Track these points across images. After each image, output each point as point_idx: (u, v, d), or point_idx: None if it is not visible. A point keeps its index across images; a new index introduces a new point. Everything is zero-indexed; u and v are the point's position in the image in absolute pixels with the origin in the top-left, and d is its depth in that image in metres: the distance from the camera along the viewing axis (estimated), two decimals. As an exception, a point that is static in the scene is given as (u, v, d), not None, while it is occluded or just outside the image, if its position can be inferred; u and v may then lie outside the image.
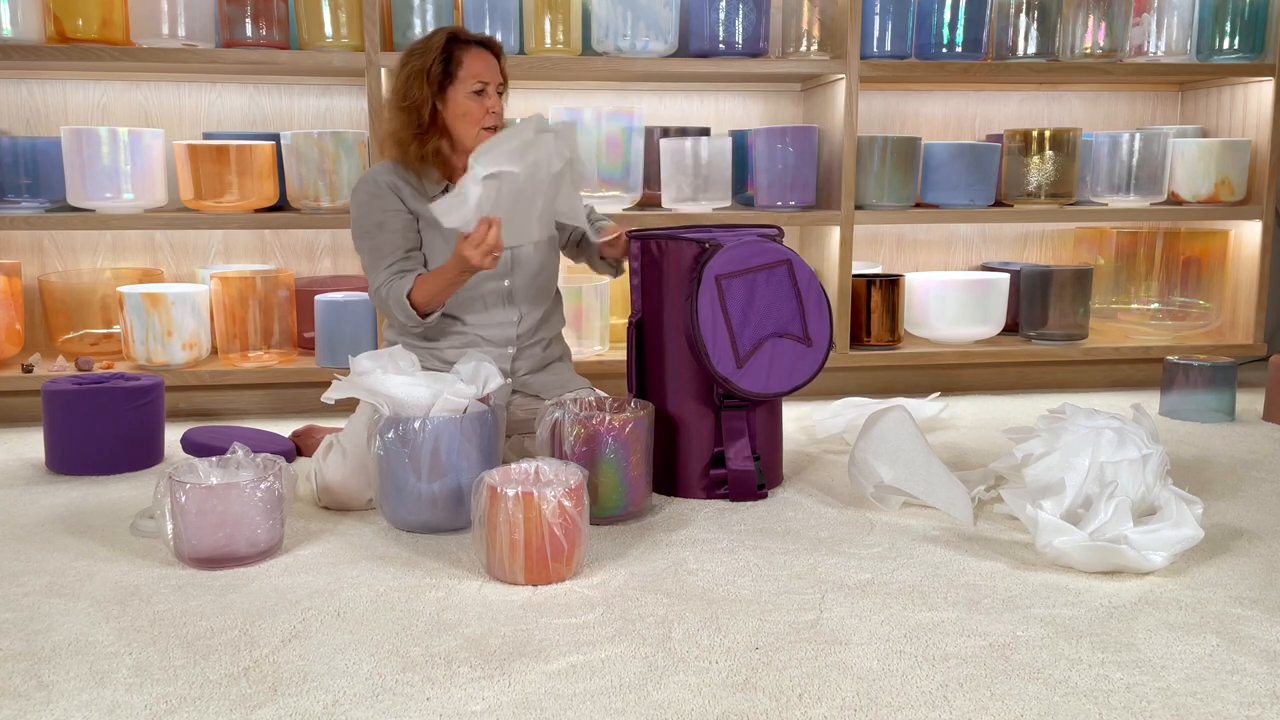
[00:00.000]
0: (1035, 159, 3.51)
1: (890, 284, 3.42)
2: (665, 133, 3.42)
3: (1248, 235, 3.63)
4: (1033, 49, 3.44)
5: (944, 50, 3.40)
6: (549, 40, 3.21)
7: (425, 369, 2.36)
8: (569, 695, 1.50)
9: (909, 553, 2.07)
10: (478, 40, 2.42)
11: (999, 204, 3.64)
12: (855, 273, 3.46)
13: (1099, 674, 1.57)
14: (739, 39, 3.27)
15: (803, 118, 3.72)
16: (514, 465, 2.03)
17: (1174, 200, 3.64)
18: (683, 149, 3.29)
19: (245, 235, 3.53)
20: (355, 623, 1.75)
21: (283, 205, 3.36)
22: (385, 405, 2.14)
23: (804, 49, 3.38)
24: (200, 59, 3.07)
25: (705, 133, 3.48)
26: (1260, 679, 1.56)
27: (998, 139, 3.68)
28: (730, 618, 1.76)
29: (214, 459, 2.10)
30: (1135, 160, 3.54)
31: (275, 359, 3.23)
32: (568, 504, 1.88)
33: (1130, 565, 1.91)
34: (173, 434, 2.88)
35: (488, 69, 2.41)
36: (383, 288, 2.39)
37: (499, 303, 2.49)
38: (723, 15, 3.25)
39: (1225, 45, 3.50)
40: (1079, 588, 1.88)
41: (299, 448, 2.79)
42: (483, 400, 2.22)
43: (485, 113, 2.40)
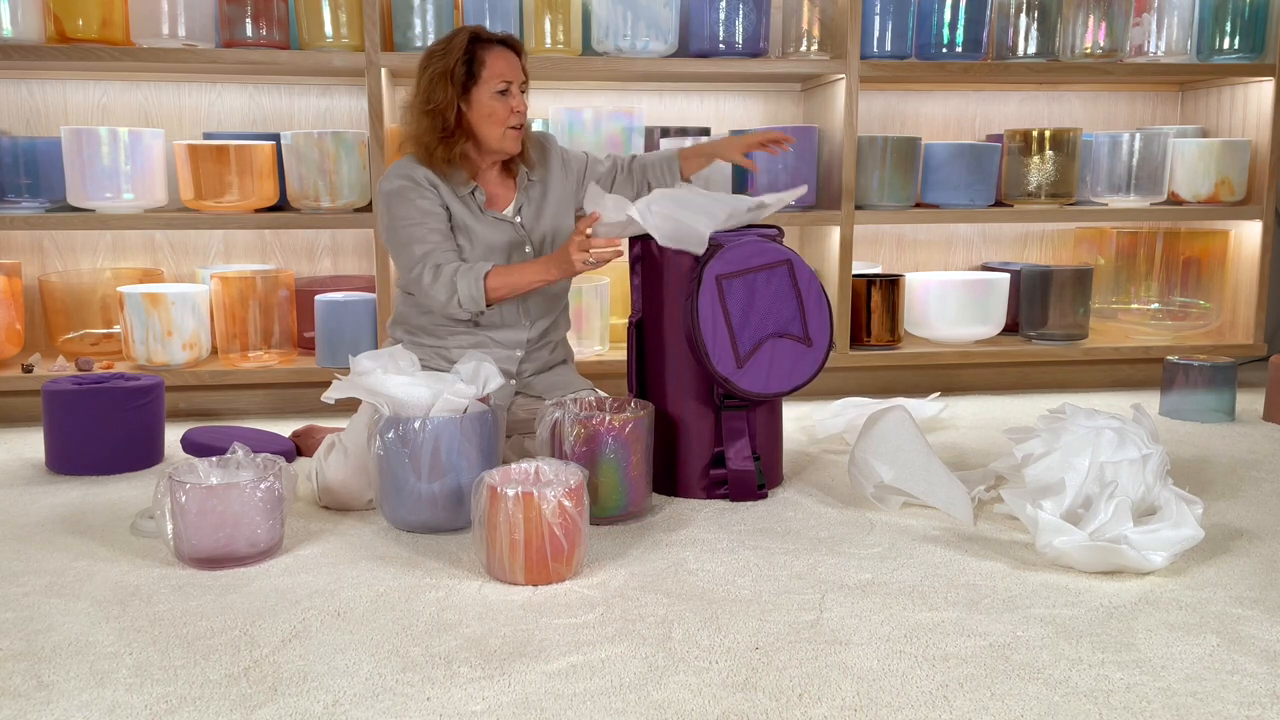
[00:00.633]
0: (1035, 159, 3.51)
1: (890, 284, 3.42)
2: (665, 133, 3.42)
3: (1248, 235, 3.63)
4: (1033, 49, 3.44)
5: (944, 50, 3.40)
6: (549, 40, 3.21)
7: (429, 369, 2.36)
8: (569, 695, 1.50)
9: (909, 553, 2.07)
10: (500, 39, 2.41)
11: (999, 204, 3.64)
12: (855, 273, 3.46)
13: (1099, 674, 1.57)
14: (739, 39, 3.27)
15: (803, 118, 3.72)
16: (514, 465, 2.03)
17: (1174, 200, 3.64)
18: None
19: (245, 235, 3.53)
20: (355, 623, 1.75)
21: (283, 205, 3.36)
22: (385, 405, 2.14)
23: (804, 49, 3.38)
24: (200, 59, 3.07)
25: (705, 133, 3.48)
26: (1260, 679, 1.56)
27: (998, 139, 3.68)
28: (730, 618, 1.76)
29: (214, 459, 2.10)
30: (1135, 160, 3.54)
31: (275, 359, 3.23)
32: (568, 504, 1.88)
33: (1130, 565, 1.91)
34: (173, 434, 2.88)
35: (511, 68, 2.39)
36: (446, 268, 2.32)
37: (513, 307, 2.48)
38: (723, 15, 3.25)
39: (1225, 45, 3.50)
40: (1079, 588, 1.88)
41: (299, 448, 2.79)
42: (483, 400, 2.22)
43: (510, 112, 2.39)
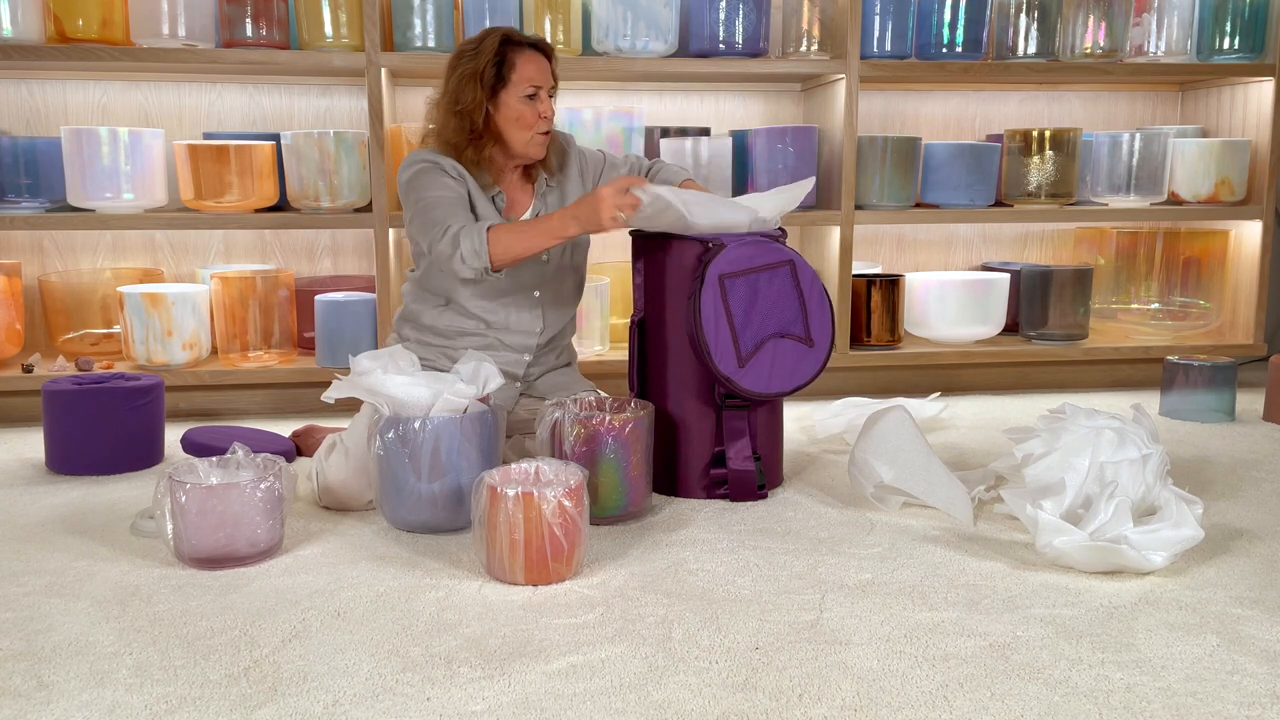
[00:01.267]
0: (1035, 159, 3.51)
1: (890, 284, 3.42)
2: (665, 133, 3.42)
3: (1248, 235, 3.63)
4: (1033, 49, 3.44)
5: (944, 50, 3.40)
6: (549, 40, 3.21)
7: (432, 369, 2.36)
8: (569, 695, 1.50)
9: (909, 553, 2.07)
10: (530, 42, 2.39)
11: (999, 204, 3.64)
12: (855, 273, 3.46)
13: (1099, 674, 1.57)
14: (739, 39, 3.27)
15: (803, 118, 3.72)
16: (514, 465, 2.03)
17: (1174, 200, 3.64)
18: (683, 149, 3.29)
19: (245, 235, 3.53)
20: (355, 623, 1.75)
21: (283, 205, 3.36)
22: (385, 405, 2.14)
23: (804, 49, 3.38)
24: (200, 59, 3.07)
25: (705, 133, 3.48)
26: (1260, 679, 1.56)
27: (998, 139, 3.68)
28: (730, 618, 1.76)
29: (214, 459, 2.10)
30: (1135, 160, 3.54)
31: (275, 359, 3.23)
32: (568, 504, 1.88)
33: (1130, 565, 1.91)
34: (173, 434, 2.88)
35: (540, 72, 2.37)
36: (455, 225, 2.27)
37: (527, 313, 2.48)
38: (723, 15, 3.25)
39: (1225, 45, 3.50)
40: (1079, 588, 1.88)
41: (299, 448, 2.79)
42: (483, 400, 2.22)
43: (538, 117, 2.37)
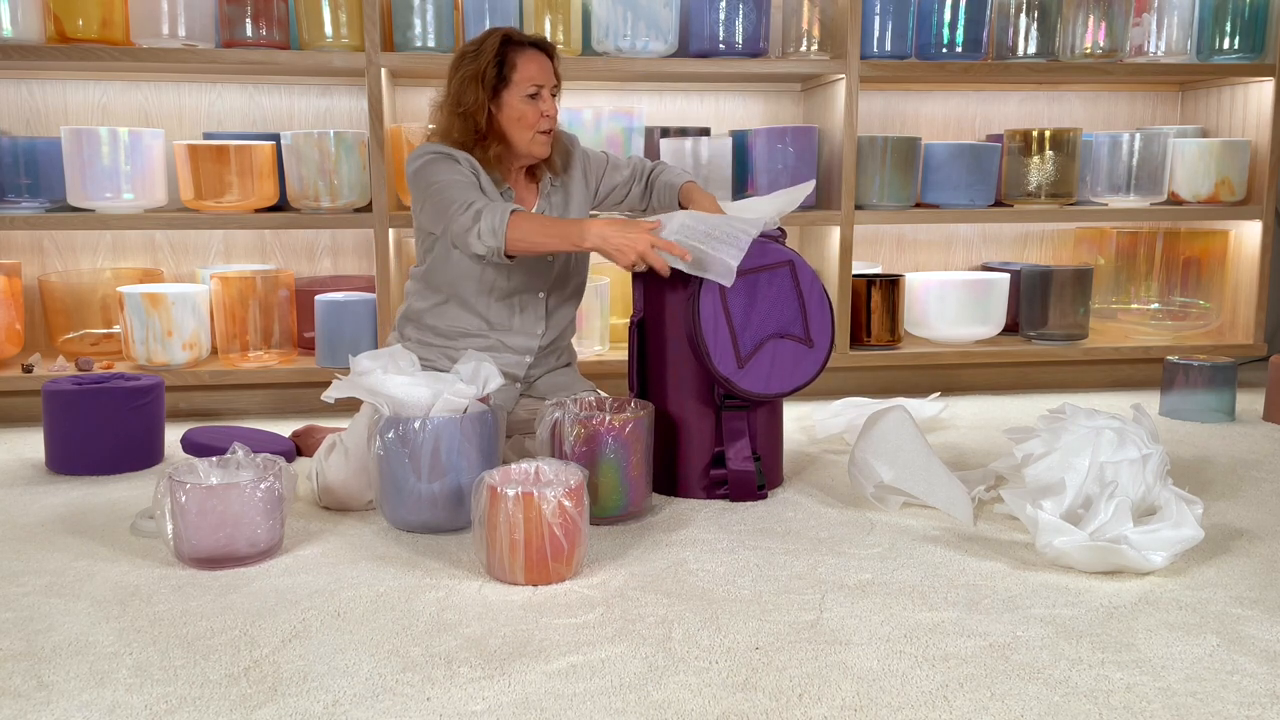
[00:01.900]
0: (1035, 159, 3.51)
1: (890, 284, 3.42)
2: (665, 133, 3.42)
3: (1248, 235, 3.63)
4: (1033, 49, 3.44)
5: (944, 50, 3.40)
6: (549, 40, 3.21)
7: (436, 369, 2.36)
8: (569, 695, 1.50)
9: (909, 553, 2.07)
10: (532, 42, 2.39)
11: (999, 204, 3.64)
12: (855, 273, 3.46)
13: (1099, 674, 1.57)
14: (739, 39, 3.27)
15: (803, 118, 3.72)
16: (514, 465, 2.03)
17: (1174, 200, 3.64)
18: (683, 149, 3.29)
19: (245, 235, 3.53)
20: (355, 623, 1.75)
21: (283, 205, 3.36)
22: (385, 405, 2.14)
23: (804, 49, 3.38)
24: (200, 59, 3.07)
25: (705, 133, 3.48)
26: (1260, 679, 1.56)
27: (998, 139, 3.68)
28: (730, 618, 1.76)
29: (214, 459, 2.10)
30: (1135, 160, 3.54)
31: (275, 359, 3.23)
32: (568, 504, 1.88)
33: (1130, 565, 1.91)
34: (173, 434, 2.88)
35: (542, 71, 2.37)
36: (479, 203, 2.24)
37: (531, 314, 2.48)
38: (723, 15, 3.25)
39: (1225, 45, 3.50)
40: (1079, 588, 1.88)
41: (299, 448, 2.79)
42: (483, 400, 2.22)
43: (540, 116, 2.37)
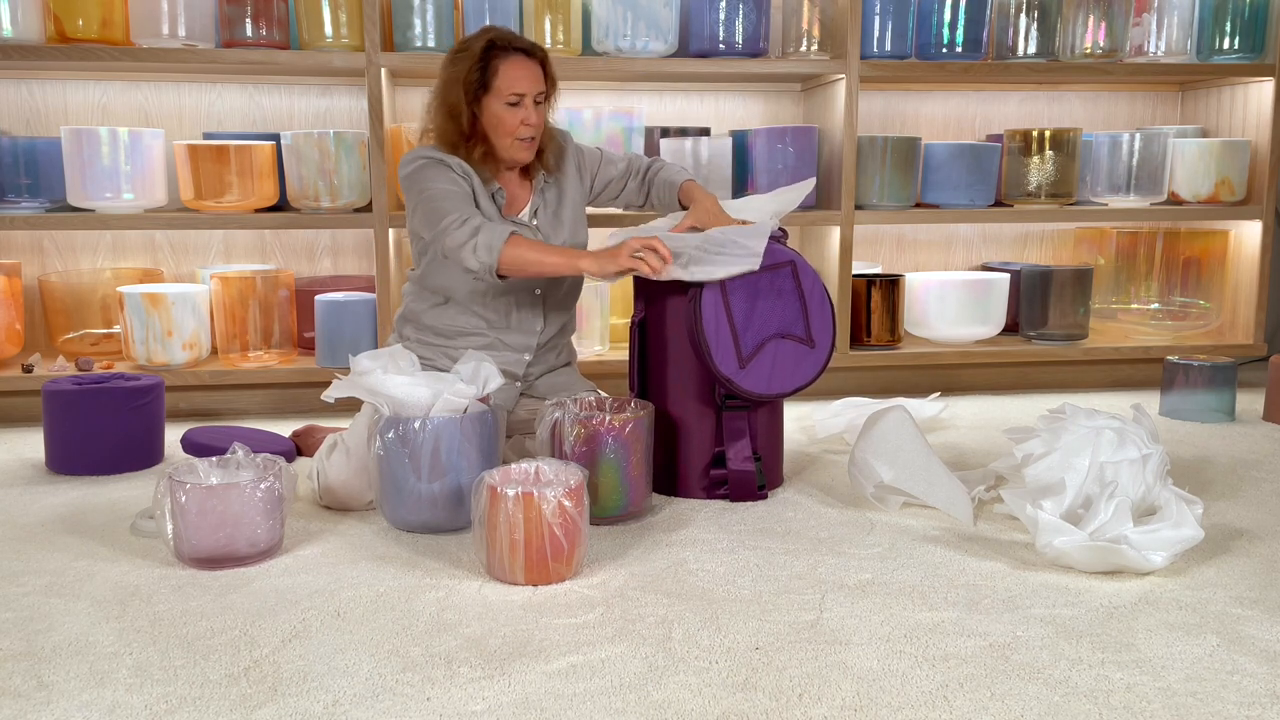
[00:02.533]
0: (1035, 159, 3.51)
1: (890, 284, 3.42)
2: (665, 133, 3.42)
3: (1248, 235, 3.63)
4: (1033, 49, 3.44)
5: (944, 50, 3.40)
6: (549, 40, 3.21)
7: (436, 369, 2.36)
8: (569, 695, 1.50)
9: (909, 553, 2.07)
10: (520, 47, 2.37)
11: (999, 204, 3.64)
12: (855, 273, 3.46)
13: (1099, 674, 1.57)
14: (739, 39, 3.27)
15: (803, 118, 3.72)
16: (514, 465, 2.03)
17: (1174, 200, 3.64)
18: (683, 149, 3.29)
19: (245, 235, 3.53)
20: (355, 623, 1.75)
21: (283, 205, 3.36)
22: (385, 405, 2.14)
23: (804, 49, 3.38)
24: (200, 59, 3.07)
25: (705, 133, 3.48)
26: (1260, 679, 1.56)
27: (998, 139, 3.68)
28: (730, 618, 1.76)
29: (214, 459, 2.10)
30: (1135, 160, 3.54)
31: (275, 359, 3.23)
32: (568, 504, 1.88)
33: (1130, 565, 1.91)
34: (173, 434, 2.88)
35: (526, 78, 2.35)
36: (475, 218, 2.27)
37: (528, 311, 2.48)
38: (723, 15, 3.25)
39: (1225, 45, 3.50)
40: (1079, 588, 1.88)
41: (299, 448, 2.79)
42: (483, 400, 2.22)
43: (519, 124, 2.36)
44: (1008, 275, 3.54)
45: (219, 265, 3.50)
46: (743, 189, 3.51)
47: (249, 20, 3.10)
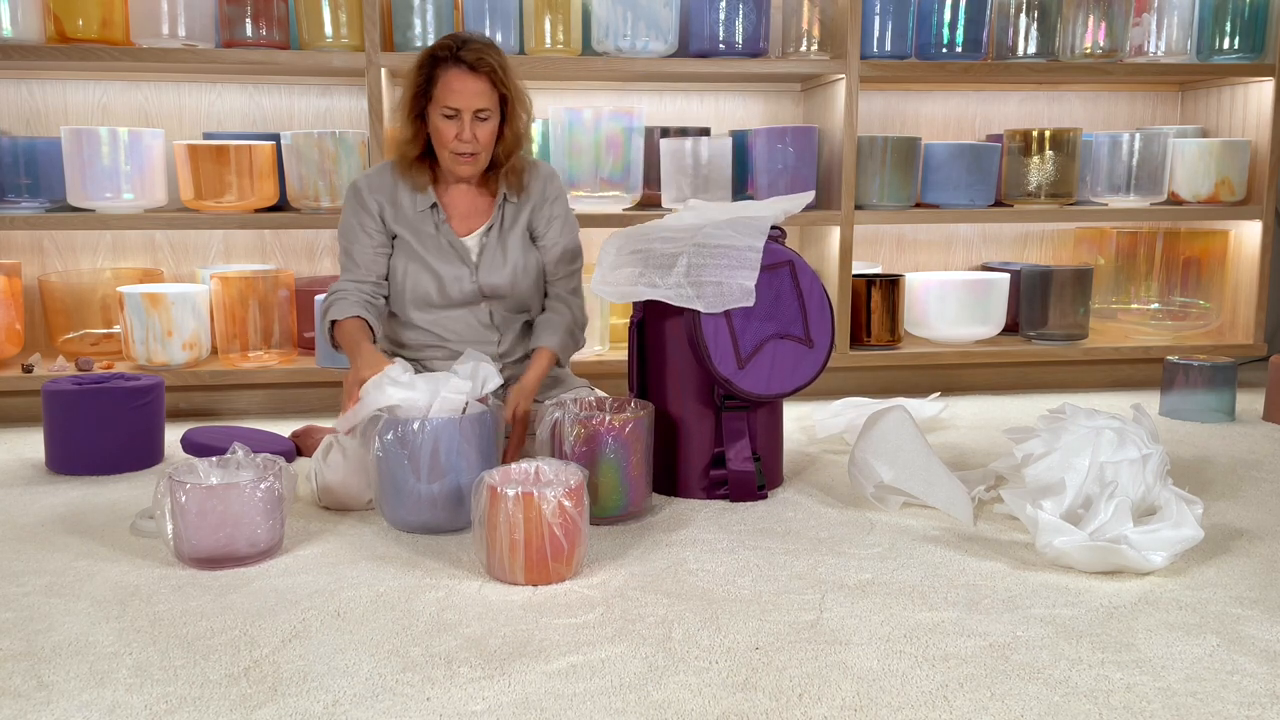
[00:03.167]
0: (1035, 159, 3.51)
1: (890, 284, 3.42)
2: (665, 133, 3.42)
3: (1248, 235, 3.63)
4: (1033, 49, 3.44)
5: (944, 50, 3.40)
6: (549, 40, 3.21)
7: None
8: (569, 695, 1.50)
9: (909, 553, 2.07)
10: (467, 60, 2.31)
11: (999, 204, 3.65)
12: (855, 273, 3.46)
13: (1099, 674, 1.57)
14: (739, 39, 3.27)
15: (803, 118, 3.72)
16: (514, 465, 2.03)
17: (1174, 200, 3.64)
18: (683, 149, 3.29)
19: (245, 235, 3.53)
20: (355, 623, 1.75)
21: (283, 205, 3.36)
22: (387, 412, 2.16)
23: (804, 49, 3.38)
24: (200, 59, 3.07)
25: (705, 133, 3.48)
26: (1260, 679, 1.56)
27: (998, 139, 3.68)
28: (730, 618, 1.76)
29: (214, 459, 2.10)
30: (1135, 160, 3.54)
31: (275, 359, 3.23)
32: (568, 504, 1.88)
33: (1130, 565, 1.91)
34: (173, 434, 2.88)
35: (465, 93, 2.30)
36: (336, 293, 2.42)
37: (480, 326, 2.49)
38: (723, 15, 3.25)
39: (1225, 45, 3.50)
40: (1079, 588, 1.88)
41: (299, 448, 2.78)
42: (482, 400, 2.23)
43: (454, 138, 2.34)
44: (1008, 275, 3.54)
45: (219, 265, 3.50)
46: (743, 189, 3.51)
47: (249, 20, 3.10)
